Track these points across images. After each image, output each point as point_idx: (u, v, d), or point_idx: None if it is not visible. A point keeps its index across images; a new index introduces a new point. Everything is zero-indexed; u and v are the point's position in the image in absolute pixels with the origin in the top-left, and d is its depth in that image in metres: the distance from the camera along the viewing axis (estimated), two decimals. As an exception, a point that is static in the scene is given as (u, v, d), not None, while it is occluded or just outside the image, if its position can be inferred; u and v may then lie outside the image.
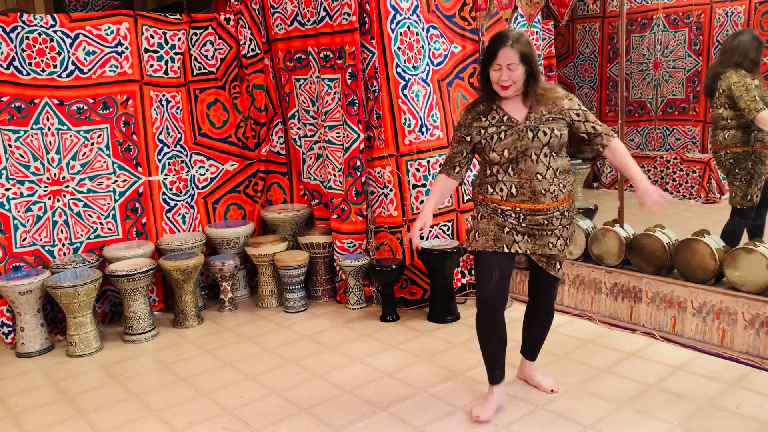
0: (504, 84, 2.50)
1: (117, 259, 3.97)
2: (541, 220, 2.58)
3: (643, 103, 7.13)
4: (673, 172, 6.55)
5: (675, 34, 6.73)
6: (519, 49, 2.47)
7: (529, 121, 2.53)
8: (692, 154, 6.54)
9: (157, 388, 3.26)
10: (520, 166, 2.54)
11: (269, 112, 4.65)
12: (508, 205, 2.58)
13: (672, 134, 6.95)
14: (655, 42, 6.90)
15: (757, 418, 2.67)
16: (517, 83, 2.51)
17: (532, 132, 2.52)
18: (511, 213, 2.59)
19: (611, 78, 7.35)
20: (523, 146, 2.52)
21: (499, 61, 2.48)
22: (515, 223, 2.59)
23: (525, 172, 2.54)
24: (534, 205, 2.55)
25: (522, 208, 2.57)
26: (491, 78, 2.54)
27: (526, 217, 2.58)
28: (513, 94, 2.54)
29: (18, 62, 3.84)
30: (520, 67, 2.48)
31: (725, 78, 3.71)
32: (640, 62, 7.05)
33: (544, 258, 2.67)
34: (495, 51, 2.49)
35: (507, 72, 2.48)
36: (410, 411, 2.87)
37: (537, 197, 2.54)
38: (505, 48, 2.47)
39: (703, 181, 6.29)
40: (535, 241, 2.62)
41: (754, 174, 3.78)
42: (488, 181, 2.63)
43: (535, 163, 2.52)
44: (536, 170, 2.53)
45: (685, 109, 6.81)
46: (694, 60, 6.63)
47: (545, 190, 2.54)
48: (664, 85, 6.93)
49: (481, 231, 2.65)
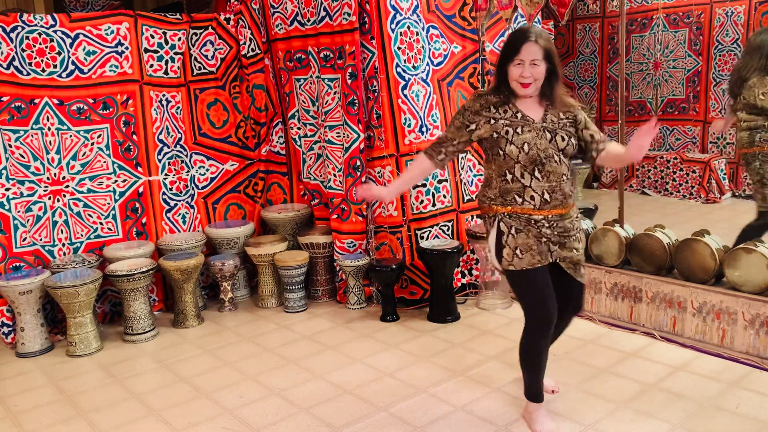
0: (525, 81, 2.39)
1: (117, 259, 3.97)
2: (567, 225, 2.50)
3: (643, 103, 7.13)
4: (673, 172, 6.55)
5: (675, 34, 6.73)
6: (543, 45, 2.37)
7: (546, 122, 2.44)
8: (692, 154, 6.54)
9: (157, 388, 3.26)
10: (547, 168, 2.42)
11: (269, 112, 4.65)
12: (541, 213, 2.45)
13: (672, 134, 6.95)
14: (655, 42, 6.90)
15: (757, 418, 2.67)
16: (538, 81, 2.41)
17: (550, 134, 2.42)
18: (545, 222, 2.46)
19: (611, 78, 7.36)
20: (543, 145, 2.40)
21: (522, 57, 2.36)
22: (549, 232, 2.47)
23: (554, 173, 2.42)
24: (563, 210, 2.47)
25: (553, 214, 2.46)
26: (511, 74, 2.41)
27: (557, 224, 2.48)
28: (532, 93, 2.44)
29: (18, 62, 3.84)
30: (542, 64, 2.39)
31: (749, 87, 3.69)
32: (640, 62, 7.05)
33: (572, 265, 2.55)
34: (518, 46, 2.37)
35: (529, 68, 2.37)
36: (410, 411, 2.87)
37: (566, 199, 2.46)
38: (530, 43, 2.36)
39: (703, 181, 6.29)
40: (563, 249, 2.51)
41: (764, 174, 3.76)
42: (514, 190, 2.46)
43: (559, 164, 2.43)
44: (562, 171, 2.43)
45: (685, 109, 6.81)
46: (694, 60, 6.63)
47: (570, 191, 2.47)
48: (664, 85, 6.93)
49: (522, 246, 2.46)
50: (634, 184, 6.87)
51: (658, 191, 6.69)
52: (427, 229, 4.10)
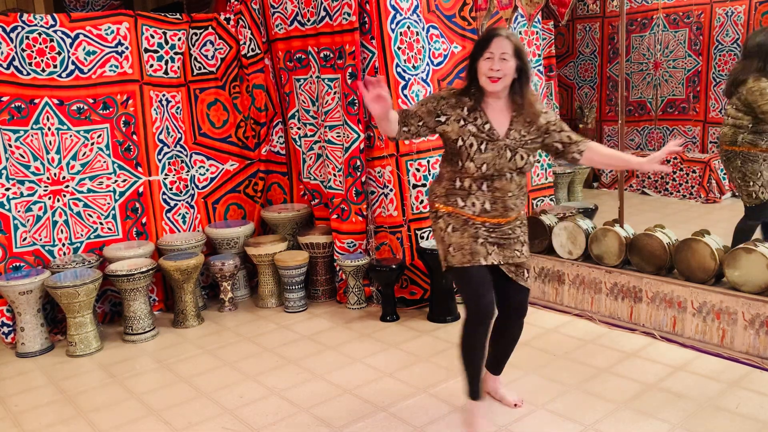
0: (494, 75, 2.40)
1: (117, 259, 3.97)
2: (507, 231, 2.56)
3: (643, 103, 7.13)
4: (673, 172, 6.55)
5: (675, 34, 6.73)
6: (514, 42, 2.40)
7: (509, 138, 2.47)
8: (692, 154, 6.54)
9: (157, 388, 3.26)
10: (495, 184, 2.49)
11: (269, 112, 4.65)
12: (478, 219, 2.53)
13: (672, 134, 6.95)
14: (655, 42, 6.90)
15: (757, 418, 2.67)
16: (506, 78, 2.41)
17: (511, 152, 2.47)
18: (481, 226, 2.54)
19: (611, 78, 7.35)
20: (500, 165, 2.46)
21: (492, 49, 2.39)
22: (486, 234, 2.54)
23: (500, 190, 2.50)
24: (502, 219, 2.54)
25: (491, 222, 2.54)
26: (480, 69, 2.43)
27: (496, 230, 2.55)
28: (500, 89, 2.43)
29: (18, 62, 3.84)
30: (512, 61, 2.40)
31: (746, 86, 3.74)
32: (640, 62, 7.05)
33: (513, 267, 2.60)
34: (489, 40, 2.41)
35: (499, 62, 2.38)
36: (410, 411, 2.87)
37: (507, 212, 2.54)
38: (500, 38, 2.40)
39: (703, 181, 6.29)
40: (503, 252, 2.57)
41: (746, 172, 3.83)
42: (459, 194, 2.54)
43: (509, 182, 2.50)
44: (509, 189, 2.51)
45: (685, 109, 6.81)
46: (694, 60, 6.63)
47: (514, 205, 2.55)
48: (664, 85, 6.93)
49: (456, 245, 2.54)
50: (634, 184, 6.87)
51: (658, 191, 6.69)
52: (427, 229, 4.10)
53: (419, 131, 2.53)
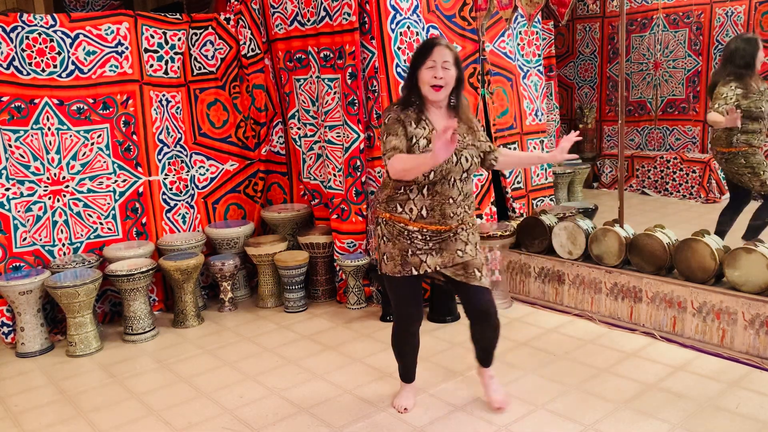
0: (438, 83, 2.45)
1: (117, 259, 3.97)
2: (445, 236, 2.57)
3: (643, 103, 7.13)
4: (673, 172, 6.55)
5: (675, 34, 6.73)
6: (453, 51, 2.49)
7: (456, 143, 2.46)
8: (692, 154, 6.54)
9: (157, 388, 3.26)
10: (436, 188, 2.50)
11: (269, 112, 4.65)
12: (415, 225, 2.53)
13: (672, 134, 6.95)
14: (655, 42, 6.90)
15: (757, 418, 2.67)
16: (448, 86, 2.48)
17: (456, 156, 2.48)
18: (418, 234, 2.54)
19: (611, 78, 7.36)
20: (447, 170, 2.47)
21: (435, 58, 2.43)
22: (422, 244, 2.55)
23: (439, 194, 2.50)
24: (440, 227, 2.54)
25: (429, 229, 2.53)
26: (423, 78, 2.47)
27: (433, 237, 2.55)
28: (443, 97, 2.50)
29: (18, 62, 3.84)
30: (453, 69, 2.47)
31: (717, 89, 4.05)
32: (640, 62, 7.05)
33: (460, 271, 2.59)
34: (430, 48, 2.46)
35: (441, 70, 2.44)
36: (410, 411, 2.87)
37: (445, 220, 2.53)
38: (441, 47, 2.46)
39: (703, 181, 6.29)
40: (443, 254, 2.57)
41: (753, 165, 4.04)
42: (398, 199, 2.54)
43: (450, 188, 2.51)
44: (450, 194, 2.51)
45: (685, 109, 6.81)
46: (694, 60, 6.64)
47: (453, 213, 2.53)
48: (664, 85, 6.93)
49: (388, 255, 2.59)
50: (634, 184, 6.87)
51: (658, 191, 6.69)
52: None
53: None
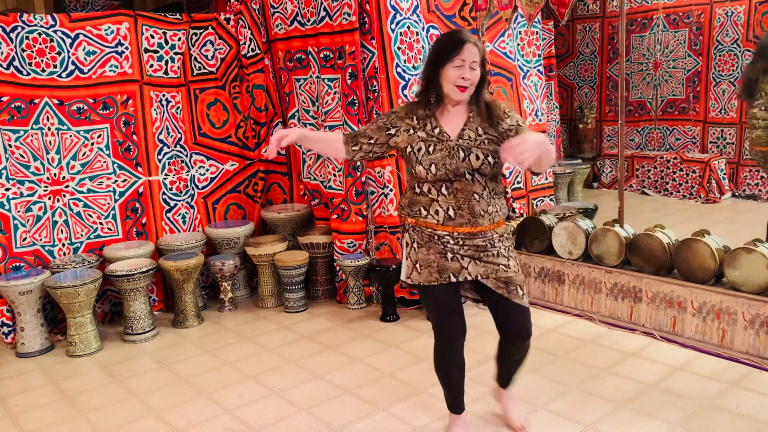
0: (464, 84, 2.23)
1: (117, 259, 3.97)
2: (481, 243, 2.33)
3: (643, 103, 7.13)
4: (673, 172, 6.55)
5: (675, 34, 6.73)
6: (481, 49, 2.26)
7: (462, 139, 2.28)
8: (692, 154, 6.54)
9: (157, 388, 3.26)
10: (455, 185, 2.28)
11: (269, 112, 4.65)
12: (445, 229, 2.32)
13: (672, 134, 6.96)
14: (655, 42, 6.90)
15: (757, 418, 2.67)
16: (473, 86, 2.26)
17: (464, 152, 2.26)
18: (449, 239, 2.33)
19: (611, 78, 7.36)
20: (453, 165, 2.26)
21: (464, 56, 2.20)
22: (457, 248, 2.33)
23: (461, 191, 2.29)
24: (472, 228, 2.31)
25: (460, 231, 2.32)
26: (447, 76, 2.24)
27: (466, 242, 2.33)
28: (466, 98, 2.28)
29: (18, 62, 3.84)
30: (479, 70, 2.25)
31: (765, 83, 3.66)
32: (640, 62, 7.05)
33: (502, 284, 2.36)
34: (460, 45, 2.20)
35: (469, 70, 2.21)
36: (410, 411, 2.87)
37: (476, 218, 2.30)
38: (470, 44, 2.21)
39: (703, 181, 6.29)
40: (480, 264, 2.34)
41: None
42: (422, 202, 2.35)
43: (471, 182, 2.28)
44: (473, 189, 2.28)
45: (685, 109, 6.81)
46: (694, 60, 6.64)
47: (484, 211, 2.30)
48: (664, 85, 6.93)
49: (423, 262, 2.36)
50: (634, 184, 6.87)
51: (658, 191, 6.69)
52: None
53: (372, 149, 2.41)
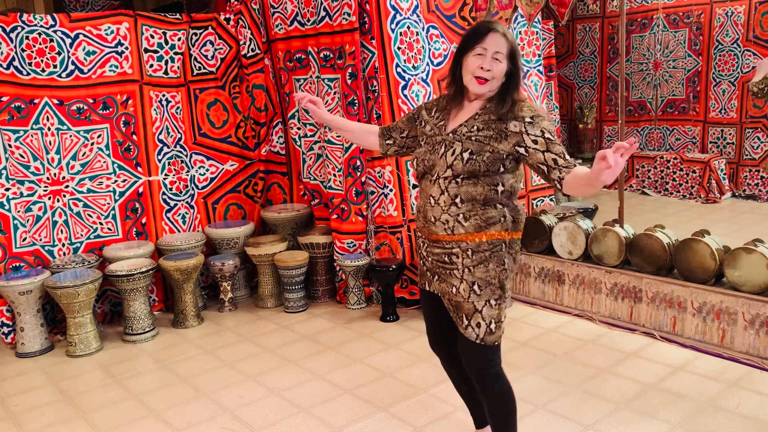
0: (483, 75, 2.02)
1: (117, 259, 3.97)
2: (440, 254, 2.11)
3: (643, 103, 7.13)
4: (673, 172, 6.55)
5: (675, 34, 6.73)
6: (510, 41, 2.04)
7: (454, 133, 2.07)
8: (692, 154, 6.54)
9: (157, 388, 3.26)
10: (422, 183, 2.14)
11: (269, 112, 4.65)
12: (420, 232, 2.19)
13: (672, 134, 6.95)
14: (655, 42, 6.90)
15: (757, 418, 2.67)
16: (495, 80, 2.03)
17: (445, 147, 2.06)
18: (420, 242, 2.20)
19: (611, 78, 7.35)
20: (430, 161, 2.09)
21: (486, 45, 2.01)
22: (425, 254, 2.18)
23: (423, 191, 2.14)
24: (429, 235, 2.13)
25: (422, 234, 2.17)
26: (468, 66, 2.04)
27: (429, 249, 2.15)
28: (486, 92, 2.06)
29: (18, 62, 3.84)
30: (505, 63, 2.03)
31: None
32: (640, 62, 7.05)
33: (452, 306, 2.13)
34: (483, 33, 2.02)
35: (491, 61, 2.01)
36: (410, 411, 2.87)
37: (427, 225, 2.11)
38: (496, 33, 2.02)
39: (703, 181, 6.29)
40: (437, 279, 2.15)
41: None
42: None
43: (431, 184, 2.08)
44: (429, 192, 2.09)
45: (685, 109, 6.80)
46: (694, 60, 6.63)
47: (435, 218, 2.08)
48: (664, 85, 6.93)
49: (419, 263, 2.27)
50: (634, 184, 6.87)
51: (658, 191, 6.69)
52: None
53: (405, 142, 2.28)
